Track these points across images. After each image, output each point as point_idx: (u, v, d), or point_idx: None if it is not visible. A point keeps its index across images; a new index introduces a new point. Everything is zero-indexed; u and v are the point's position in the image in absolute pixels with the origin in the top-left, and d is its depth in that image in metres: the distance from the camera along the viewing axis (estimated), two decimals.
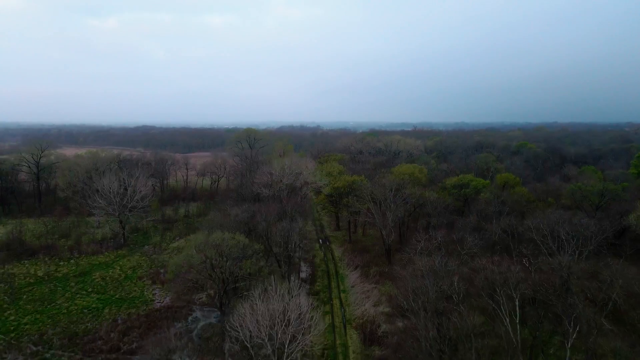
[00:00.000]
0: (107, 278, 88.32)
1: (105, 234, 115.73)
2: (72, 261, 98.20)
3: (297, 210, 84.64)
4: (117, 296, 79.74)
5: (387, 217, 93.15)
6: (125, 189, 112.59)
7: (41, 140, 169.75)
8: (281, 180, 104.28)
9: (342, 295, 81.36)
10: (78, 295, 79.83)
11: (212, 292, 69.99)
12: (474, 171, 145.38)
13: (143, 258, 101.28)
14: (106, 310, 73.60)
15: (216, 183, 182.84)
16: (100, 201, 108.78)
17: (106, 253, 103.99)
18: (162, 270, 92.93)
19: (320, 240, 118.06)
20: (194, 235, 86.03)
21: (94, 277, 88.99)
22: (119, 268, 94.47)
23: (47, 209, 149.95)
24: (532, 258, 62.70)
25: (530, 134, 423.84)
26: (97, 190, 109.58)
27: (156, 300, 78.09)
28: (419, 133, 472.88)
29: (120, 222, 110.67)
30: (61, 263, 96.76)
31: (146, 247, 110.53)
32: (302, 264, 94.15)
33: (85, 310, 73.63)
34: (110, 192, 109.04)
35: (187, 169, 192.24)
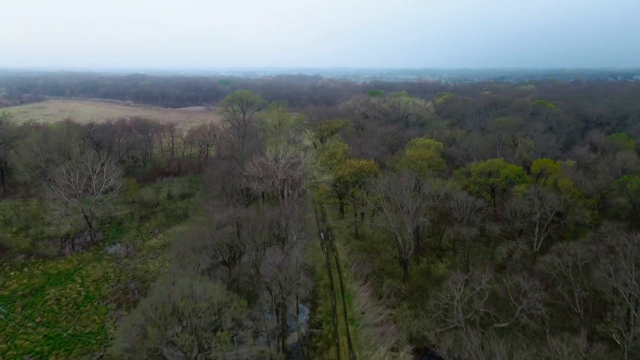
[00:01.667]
0: (63, 299, 72.26)
1: (70, 230, 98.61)
2: (25, 270, 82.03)
3: (296, 225, 66.79)
4: (69, 331, 63.89)
5: (405, 221, 76.09)
6: (90, 178, 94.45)
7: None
8: (275, 173, 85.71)
9: (351, 328, 65.86)
10: (22, 330, 64.01)
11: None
12: (498, 148, 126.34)
13: (111, 264, 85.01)
14: (51, 358, 58.10)
15: (205, 153, 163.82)
16: (60, 193, 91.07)
17: (69, 257, 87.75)
18: (131, 285, 77.24)
19: (322, 234, 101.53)
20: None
21: (47, 296, 72.99)
22: (80, 281, 78.39)
23: (12, 188, 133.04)
24: (625, 330, 46.06)
25: (543, 88, 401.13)
26: (53, 181, 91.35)
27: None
28: (424, 86, 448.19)
29: (86, 217, 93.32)
30: (11, 273, 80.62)
31: (118, 245, 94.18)
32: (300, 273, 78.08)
33: (26, 358, 58.16)
34: (70, 182, 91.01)
35: (172, 137, 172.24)
